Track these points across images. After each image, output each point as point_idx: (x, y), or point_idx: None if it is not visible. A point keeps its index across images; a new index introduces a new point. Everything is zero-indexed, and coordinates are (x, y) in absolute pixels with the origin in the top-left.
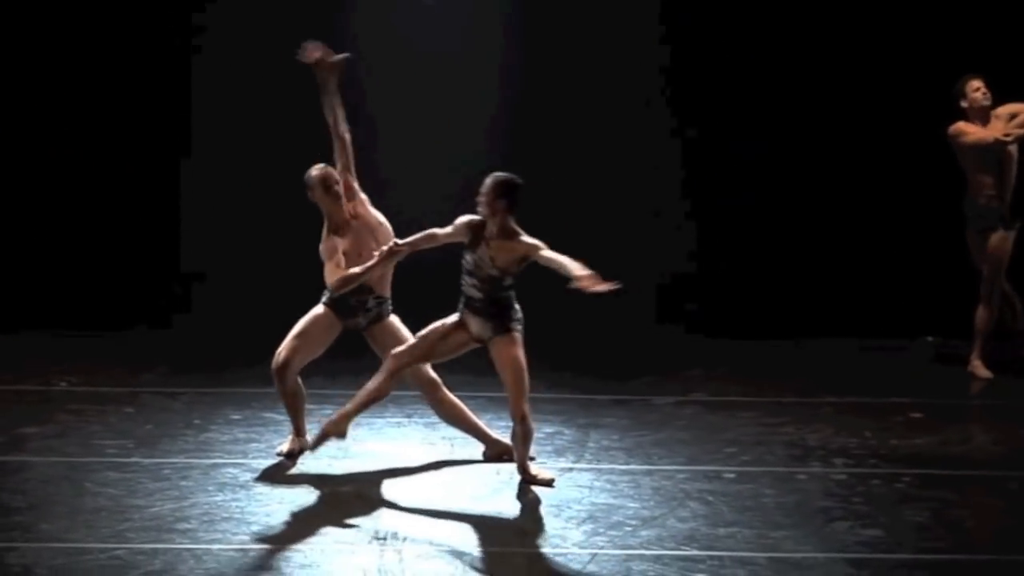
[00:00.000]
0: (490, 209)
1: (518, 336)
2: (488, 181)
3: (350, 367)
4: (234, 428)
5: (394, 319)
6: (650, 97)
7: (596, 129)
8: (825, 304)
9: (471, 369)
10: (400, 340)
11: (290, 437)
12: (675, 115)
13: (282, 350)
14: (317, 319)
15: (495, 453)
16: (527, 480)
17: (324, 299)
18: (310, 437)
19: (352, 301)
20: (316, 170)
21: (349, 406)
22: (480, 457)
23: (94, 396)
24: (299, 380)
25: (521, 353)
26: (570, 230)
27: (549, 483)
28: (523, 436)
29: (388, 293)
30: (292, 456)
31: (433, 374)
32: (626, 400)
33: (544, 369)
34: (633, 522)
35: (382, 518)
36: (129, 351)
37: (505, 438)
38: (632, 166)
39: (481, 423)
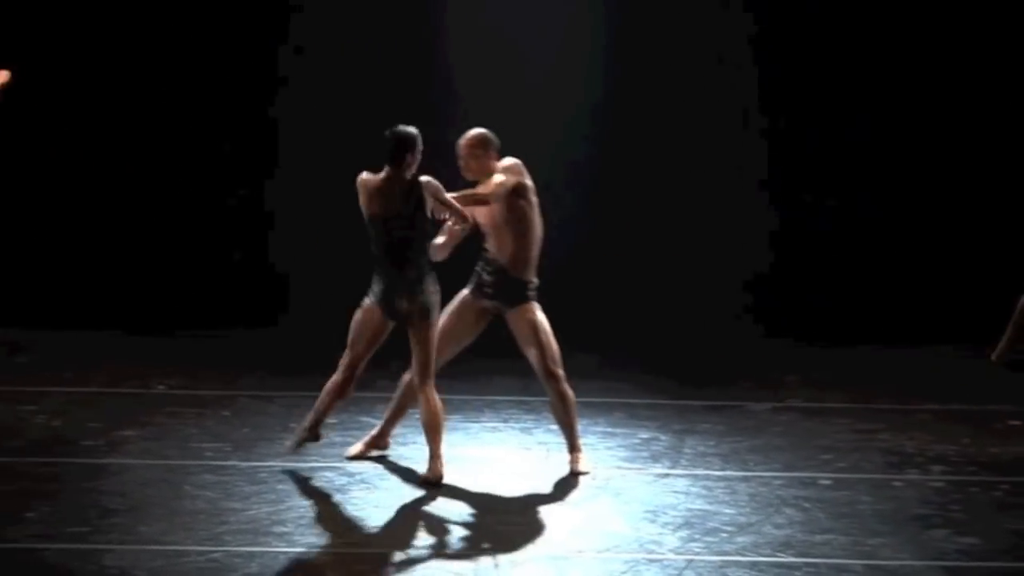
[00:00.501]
0: None
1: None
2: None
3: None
4: (330, 432)
5: (533, 305)
6: (737, 97)
7: (682, 129)
8: (922, 309)
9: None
10: (529, 330)
11: (366, 439)
12: (763, 113)
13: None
14: (461, 304)
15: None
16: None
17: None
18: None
19: (480, 279)
20: (464, 138)
21: (432, 449)
22: None
23: (192, 399)
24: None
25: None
26: (664, 233)
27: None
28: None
29: (527, 276)
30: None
31: (555, 368)
32: (722, 406)
33: (639, 374)
34: (729, 528)
35: (477, 523)
36: (227, 354)
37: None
38: (719, 168)
39: (577, 431)
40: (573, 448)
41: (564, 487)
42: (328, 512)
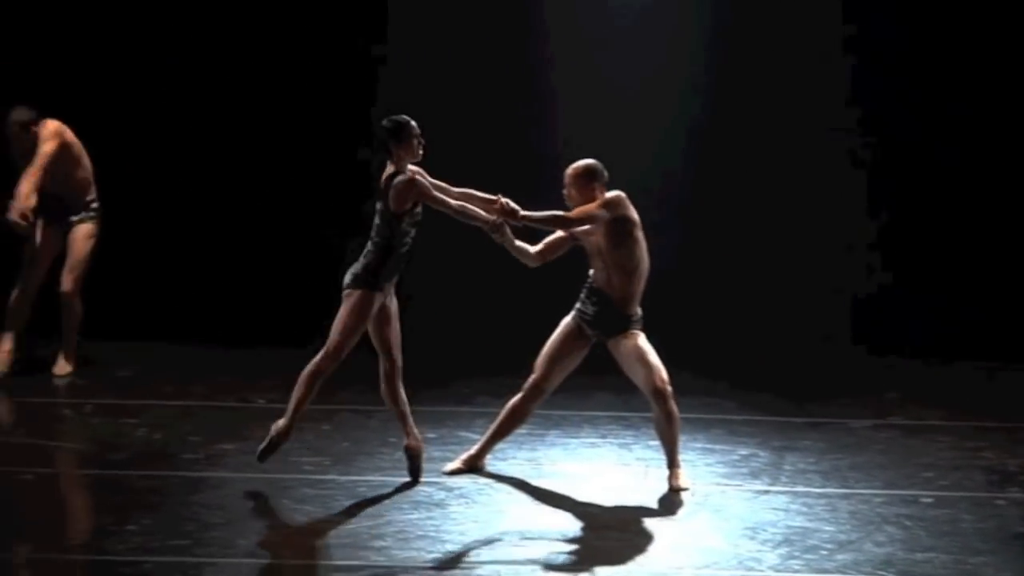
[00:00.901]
0: None
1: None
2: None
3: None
4: (429, 447)
5: (636, 334)
6: (837, 111)
7: (779, 142)
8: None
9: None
10: (634, 354)
11: (464, 457)
12: (862, 133)
13: (536, 368)
14: (566, 331)
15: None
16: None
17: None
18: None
19: (584, 308)
20: (571, 167)
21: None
22: None
23: None
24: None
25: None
26: (764, 248)
27: None
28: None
29: (631, 310)
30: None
31: (664, 386)
32: (822, 423)
33: (739, 391)
34: (829, 546)
35: (576, 539)
36: None
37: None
38: (818, 180)
39: (678, 448)
40: (673, 464)
41: (663, 503)
42: (427, 527)
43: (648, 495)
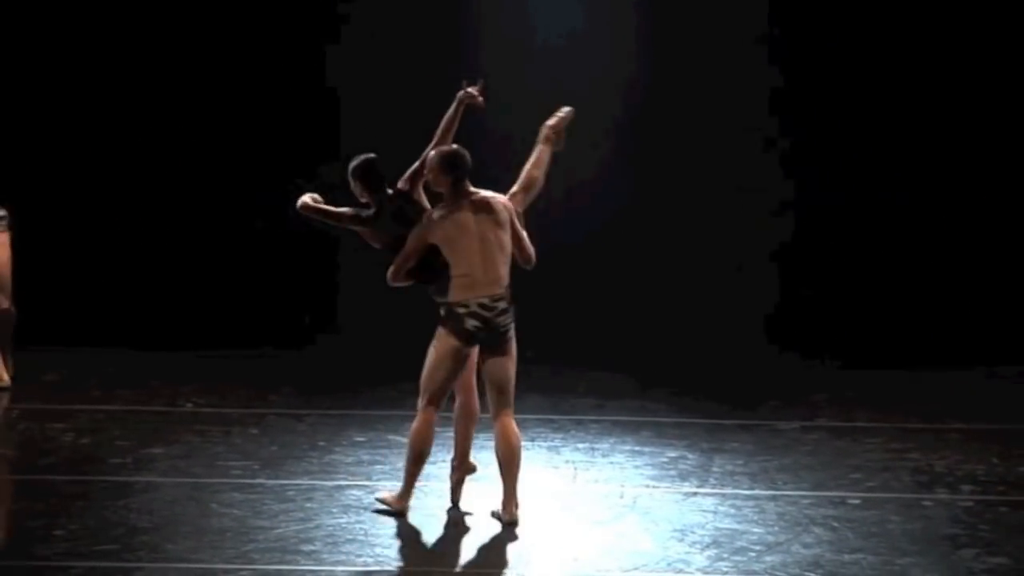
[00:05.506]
0: None
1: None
2: None
3: None
4: (358, 450)
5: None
6: (758, 118)
7: (709, 150)
8: (951, 330)
9: None
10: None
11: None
12: (784, 133)
13: None
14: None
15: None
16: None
17: None
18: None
19: None
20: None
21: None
22: (603, 480)
23: (220, 417)
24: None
25: None
26: (694, 252)
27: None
28: None
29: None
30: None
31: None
32: (751, 425)
33: (668, 394)
34: (757, 547)
35: (505, 541)
36: (255, 373)
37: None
38: (750, 185)
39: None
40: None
41: (592, 506)
42: (356, 530)
43: (577, 498)
